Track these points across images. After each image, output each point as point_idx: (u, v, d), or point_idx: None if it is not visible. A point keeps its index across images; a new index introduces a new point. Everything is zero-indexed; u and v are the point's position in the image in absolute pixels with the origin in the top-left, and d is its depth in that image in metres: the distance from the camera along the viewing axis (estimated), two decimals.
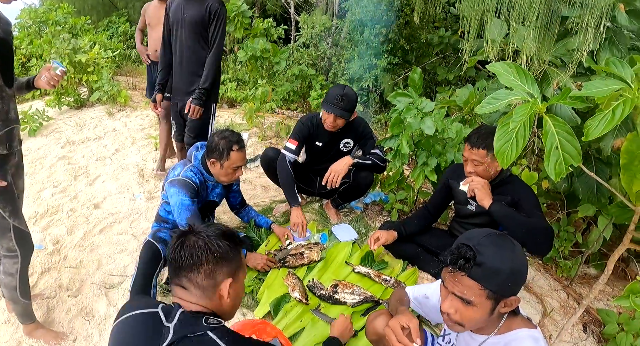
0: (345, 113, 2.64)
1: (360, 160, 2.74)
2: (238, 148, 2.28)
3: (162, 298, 2.43)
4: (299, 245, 2.66)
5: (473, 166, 2.13)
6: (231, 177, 2.36)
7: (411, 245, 2.55)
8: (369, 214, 3.15)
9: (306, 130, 2.82)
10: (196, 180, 2.36)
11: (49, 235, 2.96)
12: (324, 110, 2.67)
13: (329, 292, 2.31)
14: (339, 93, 2.59)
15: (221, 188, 2.52)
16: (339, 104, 2.60)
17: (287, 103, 5.36)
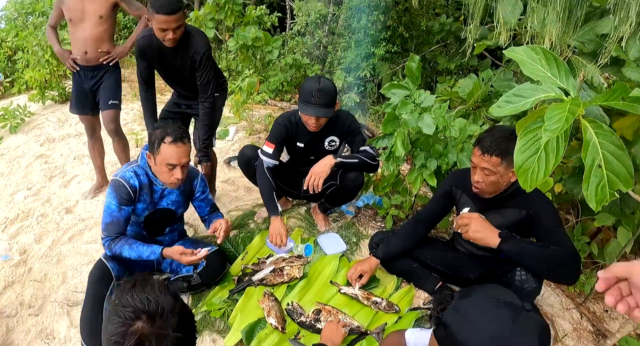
0: (327, 111, 2.17)
1: (344, 160, 2.28)
2: (171, 141, 1.80)
3: None
4: (280, 258, 2.25)
5: (482, 175, 1.69)
6: (168, 177, 1.89)
7: (406, 259, 2.12)
8: (361, 219, 2.72)
9: (284, 131, 2.34)
10: (135, 183, 1.92)
11: (16, 243, 2.64)
12: (301, 112, 2.20)
13: (310, 319, 1.90)
14: (315, 89, 2.11)
15: (177, 195, 2.07)
16: (317, 101, 2.13)
17: (281, 94, 4.90)
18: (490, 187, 1.72)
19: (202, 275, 2.07)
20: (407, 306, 2.02)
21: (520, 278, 1.67)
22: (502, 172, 1.65)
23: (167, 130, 1.82)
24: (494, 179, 1.67)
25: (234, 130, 3.90)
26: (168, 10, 2.10)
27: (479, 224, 1.66)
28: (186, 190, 2.10)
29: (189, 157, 1.91)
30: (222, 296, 2.10)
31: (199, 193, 2.15)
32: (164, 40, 2.20)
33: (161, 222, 2.08)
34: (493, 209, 1.82)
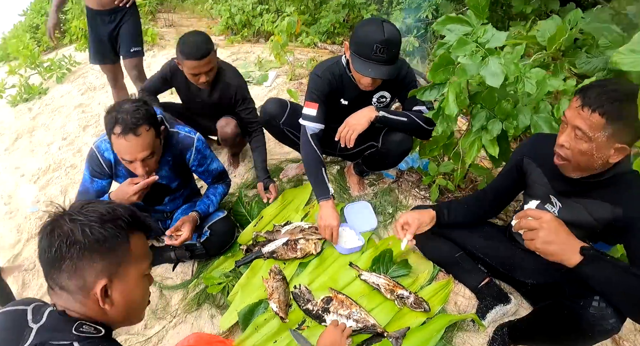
0: (392, 69, 1.63)
1: (389, 115, 1.77)
2: (120, 133, 1.41)
3: None
4: (297, 227, 1.88)
5: (572, 138, 1.15)
6: (132, 168, 1.52)
7: (449, 245, 1.66)
8: (402, 185, 2.25)
9: (326, 85, 1.82)
10: (109, 157, 1.64)
11: (44, 195, 2.60)
12: (357, 69, 1.64)
13: (318, 308, 1.55)
14: (378, 40, 1.56)
15: (167, 170, 1.72)
16: (381, 58, 1.58)
17: (333, 36, 4.34)
18: (578, 158, 1.17)
19: (206, 246, 1.79)
20: (440, 305, 1.59)
21: (597, 312, 1.14)
22: (600, 142, 1.10)
23: (118, 116, 1.41)
24: (586, 148, 1.13)
25: (273, 74, 3.47)
26: (198, 55, 1.92)
27: (553, 231, 1.09)
28: (178, 164, 1.74)
29: (153, 148, 1.49)
30: (228, 267, 1.81)
31: (195, 167, 1.78)
32: (197, 84, 2.04)
33: (156, 195, 1.78)
34: (575, 197, 1.29)
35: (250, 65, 3.68)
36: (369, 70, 1.62)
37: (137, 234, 0.88)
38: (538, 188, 1.41)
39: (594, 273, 1.08)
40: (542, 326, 1.36)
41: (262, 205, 2.08)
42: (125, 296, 0.87)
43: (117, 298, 0.86)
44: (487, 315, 1.56)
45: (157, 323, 1.73)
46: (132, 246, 0.86)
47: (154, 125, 1.50)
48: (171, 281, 1.89)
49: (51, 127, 3.28)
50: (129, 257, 0.86)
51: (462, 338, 1.55)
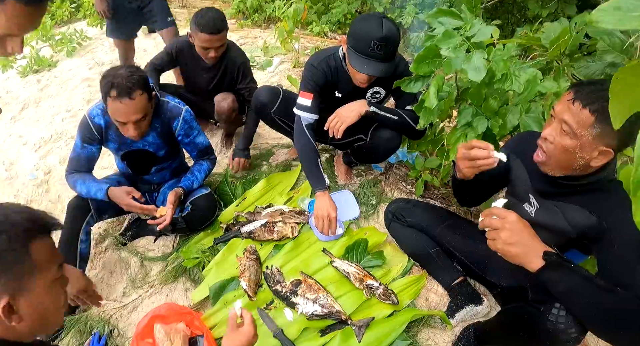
0: (389, 67, 1.64)
1: (380, 111, 1.78)
2: (116, 96, 1.51)
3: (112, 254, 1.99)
4: (278, 211, 1.93)
5: (558, 131, 1.11)
6: (122, 130, 1.65)
7: (426, 239, 1.67)
8: (389, 178, 2.26)
9: (322, 76, 1.83)
10: (100, 122, 1.72)
11: (44, 163, 2.68)
12: (353, 65, 1.64)
13: (287, 290, 1.59)
14: (376, 37, 1.56)
15: (154, 136, 1.79)
16: (378, 55, 1.59)
17: (344, 27, 4.34)
18: (560, 156, 1.13)
19: (187, 220, 1.84)
20: (410, 299, 1.61)
21: (555, 320, 1.09)
22: (585, 141, 1.06)
23: (114, 81, 1.51)
24: (570, 145, 1.08)
25: (277, 61, 3.50)
26: (213, 29, 2.00)
27: (516, 233, 1.06)
28: (164, 132, 1.80)
29: (145, 110, 1.60)
30: (207, 244, 1.86)
31: (181, 137, 1.84)
32: (205, 58, 2.13)
33: (143, 162, 1.86)
34: (554, 199, 1.26)
35: (256, 50, 3.72)
36: (365, 67, 1.62)
37: (39, 240, 0.79)
38: (519, 186, 1.39)
39: (555, 280, 1.05)
40: (505, 329, 1.35)
41: (247, 186, 2.13)
42: (34, 308, 0.79)
43: (26, 311, 0.77)
44: (456, 314, 1.56)
45: (135, 292, 1.79)
46: (34, 255, 0.77)
47: (147, 90, 1.60)
48: (152, 254, 1.95)
49: (57, 99, 3.37)
50: (32, 267, 0.77)
51: (427, 334, 1.56)
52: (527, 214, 1.35)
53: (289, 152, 2.40)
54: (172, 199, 1.75)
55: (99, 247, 2.00)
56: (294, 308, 1.56)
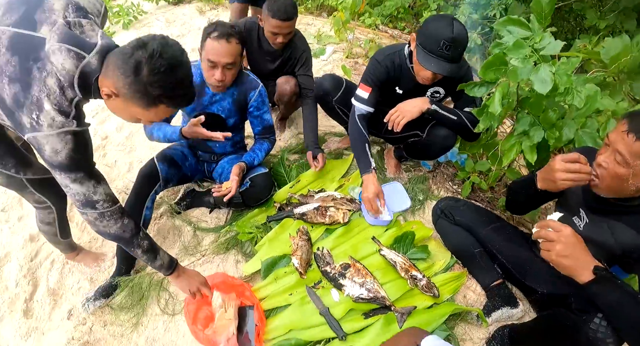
0: (455, 68, 1.70)
1: (440, 110, 1.87)
2: (216, 36, 1.68)
3: (166, 221, 2.15)
4: (330, 196, 2.04)
5: (611, 160, 1.20)
6: (209, 76, 1.77)
7: (471, 239, 1.76)
8: (437, 177, 2.35)
9: (384, 72, 1.92)
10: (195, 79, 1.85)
11: (101, 129, 2.85)
12: (420, 61, 1.71)
13: (336, 272, 1.71)
14: (446, 37, 1.63)
15: (229, 102, 1.93)
16: (446, 55, 1.65)
17: (395, 21, 4.37)
18: (613, 183, 1.21)
19: (244, 196, 1.97)
20: (450, 294, 1.71)
21: (597, 328, 1.18)
22: (638, 170, 1.14)
23: (217, 25, 1.70)
24: (623, 173, 1.17)
25: (331, 50, 3.58)
26: (284, 16, 2.07)
27: (570, 246, 1.13)
28: (240, 101, 1.94)
29: (235, 59, 1.74)
30: (260, 220, 2.00)
31: (253, 108, 1.97)
32: (273, 43, 2.20)
33: (211, 127, 1.94)
34: (604, 216, 1.33)
35: (309, 37, 3.80)
36: (432, 65, 1.69)
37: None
38: (571, 198, 1.46)
39: (602, 294, 1.12)
40: (542, 333, 1.43)
41: (301, 169, 2.25)
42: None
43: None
44: (492, 313, 1.65)
45: (187, 259, 1.95)
46: None
47: (242, 43, 1.75)
48: (205, 224, 2.10)
49: None
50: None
51: (463, 328, 1.66)
52: (576, 227, 1.43)
53: (342, 141, 2.51)
54: (236, 171, 1.89)
55: (154, 213, 2.14)
56: (340, 289, 1.68)
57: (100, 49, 1.09)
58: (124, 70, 1.06)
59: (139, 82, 1.06)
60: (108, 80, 1.10)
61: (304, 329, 1.61)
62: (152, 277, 1.85)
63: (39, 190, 1.55)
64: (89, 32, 1.12)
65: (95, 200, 1.25)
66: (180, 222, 2.11)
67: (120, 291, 1.80)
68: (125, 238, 1.36)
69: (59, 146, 1.11)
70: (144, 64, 1.04)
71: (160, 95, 1.09)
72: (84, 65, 1.08)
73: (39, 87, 1.06)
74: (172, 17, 4.46)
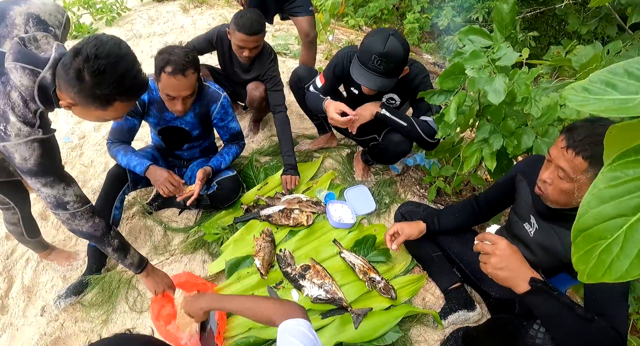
0: (386, 82, 1.74)
1: (390, 115, 1.89)
2: (171, 72, 1.63)
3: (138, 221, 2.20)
4: (296, 199, 2.09)
5: (555, 176, 1.23)
6: (170, 106, 1.78)
7: (431, 244, 1.81)
8: (405, 180, 2.40)
9: (340, 69, 1.98)
10: (144, 97, 1.86)
11: (79, 129, 2.85)
12: (352, 73, 1.78)
13: (296, 273, 1.76)
14: (377, 52, 1.66)
15: (192, 116, 1.95)
16: (376, 68, 1.70)
17: (380, 22, 4.42)
18: (558, 197, 1.25)
19: (211, 199, 2.01)
20: (408, 297, 1.76)
21: (535, 335, 1.22)
22: (582, 183, 1.17)
23: (170, 58, 1.64)
24: (567, 188, 1.20)
25: None
26: (250, 31, 2.08)
27: (505, 259, 1.15)
28: (202, 114, 1.95)
29: (194, 88, 1.74)
30: (227, 221, 2.03)
31: (217, 120, 1.99)
32: (239, 56, 2.21)
33: (177, 139, 2.02)
34: (553, 222, 1.38)
35: (290, 38, 3.84)
36: (362, 78, 1.73)
37: None
38: (523, 205, 1.51)
39: (538, 305, 1.14)
40: (491, 336, 1.48)
41: (270, 172, 2.30)
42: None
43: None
44: (449, 316, 1.69)
45: (157, 258, 1.98)
46: None
47: (197, 70, 1.73)
48: (175, 225, 2.14)
49: None
50: None
51: (418, 330, 1.70)
52: (526, 234, 1.48)
53: (312, 143, 2.55)
54: (200, 176, 1.91)
55: (126, 213, 2.18)
56: (300, 290, 1.73)
57: (53, 62, 1.12)
58: (69, 81, 1.09)
59: (85, 88, 1.09)
60: (62, 93, 1.13)
61: (263, 328, 1.66)
62: (121, 275, 1.89)
63: (1, 192, 1.59)
64: (44, 46, 1.15)
65: (66, 201, 1.31)
66: (152, 222, 2.15)
67: (91, 289, 1.84)
68: (97, 237, 1.42)
69: (27, 154, 1.16)
70: (83, 70, 1.07)
71: (110, 94, 1.12)
72: (39, 80, 1.11)
73: (4, 100, 1.11)
74: (155, 15, 4.46)
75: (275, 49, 2.78)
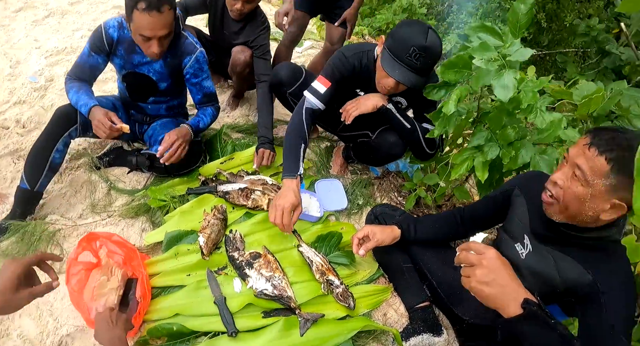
0: (420, 80, 1.49)
1: (395, 112, 1.66)
2: (144, 8, 1.41)
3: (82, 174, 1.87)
4: (260, 180, 1.79)
5: (569, 177, 1.01)
6: (145, 48, 1.55)
7: (402, 254, 1.54)
8: (383, 185, 2.13)
9: (349, 70, 1.67)
10: (113, 34, 1.62)
11: (48, 71, 2.55)
12: (383, 67, 1.48)
13: (243, 259, 1.45)
14: (416, 44, 1.41)
15: (161, 65, 1.68)
16: (413, 63, 1.44)
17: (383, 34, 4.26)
18: (568, 202, 1.02)
19: None
20: (368, 309, 1.47)
21: None
22: (598, 190, 0.95)
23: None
24: (581, 193, 0.98)
25: (309, 44, 3.38)
26: None
27: (493, 271, 0.89)
28: (173, 65, 1.69)
29: (170, 28, 1.51)
30: (179, 191, 1.73)
31: (189, 75, 1.73)
32: (230, 9, 1.98)
33: (142, 88, 1.74)
34: (551, 245, 1.14)
35: None
36: (396, 72, 1.46)
37: None
38: (516, 224, 1.26)
39: (530, 334, 0.87)
40: None
41: (238, 148, 2.01)
42: None
43: None
44: (411, 338, 1.41)
45: (92, 217, 1.67)
46: None
47: (174, 7, 1.51)
48: (122, 185, 1.83)
49: (83, 16, 3.23)
50: None
51: None
52: (516, 255, 1.23)
53: None
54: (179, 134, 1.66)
55: (72, 163, 1.88)
56: (244, 280, 1.43)
57: None
58: None
59: None
60: None
61: (191, 316, 1.35)
62: (46, 227, 1.58)
63: None
64: None
65: None
66: (97, 177, 1.84)
67: (8, 236, 1.54)
68: None
69: None
70: None
71: None
72: None
73: None
74: None
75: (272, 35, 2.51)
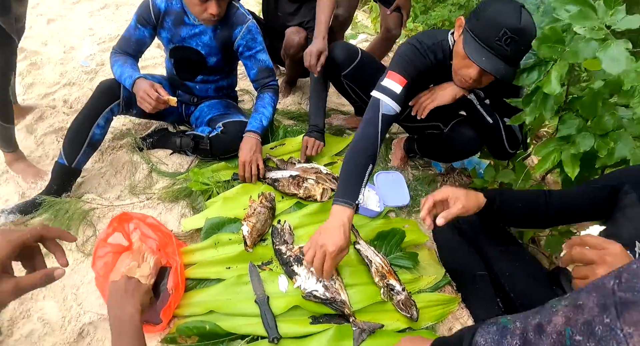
0: (510, 71, 1.21)
1: (477, 104, 1.42)
2: None
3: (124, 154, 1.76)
4: (313, 168, 1.61)
5: None
6: (200, 11, 1.43)
7: (475, 259, 1.30)
8: (446, 182, 1.88)
9: (427, 64, 1.38)
10: (161, 5, 1.51)
11: (100, 56, 2.53)
12: (468, 52, 1.20)
13: (292, 254, 1.26)
14: (510, 26, 1.14)
15: (210, 38, 1.55)
16: (503, 50, 1.16)
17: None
18: None
19: (211, 142, 1.58)
20: (431, 322, 1.23)
21: None
22: None
23: None
24: None
25: (363, 37, 3.23)
26: None
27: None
28: (223, 37, 1.56)
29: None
30: (224, 176, 1.58)
31: (242, 48, 1.58)
32: None
33: (190, 65, 1.62)
34: None
35: None
36: (483, 60, 1.19)
37: None
38: (626, 226, 1.01)
39: None
40: None
41: (290, 134, 1.83)
42: None
43: None
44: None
45: (129, 198, 1.55)
46: None
47: None
48: (165, 168, 1.69)
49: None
50: None
51: None
52: None
53: (347, 119, 2.07)
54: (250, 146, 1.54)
55: (114, 143, 1.79)
56: (292, 278, 1.22)
57: None
58: None
59: None
60: None
61: (228, 315, 1.16)
62: (82, 207, 1.46)
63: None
64: None
65: None
66: (139, 158, 1.72)
67: (42, 212, 1.45)
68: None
69: None
70: None
71: None
72: None
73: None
74: None
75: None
